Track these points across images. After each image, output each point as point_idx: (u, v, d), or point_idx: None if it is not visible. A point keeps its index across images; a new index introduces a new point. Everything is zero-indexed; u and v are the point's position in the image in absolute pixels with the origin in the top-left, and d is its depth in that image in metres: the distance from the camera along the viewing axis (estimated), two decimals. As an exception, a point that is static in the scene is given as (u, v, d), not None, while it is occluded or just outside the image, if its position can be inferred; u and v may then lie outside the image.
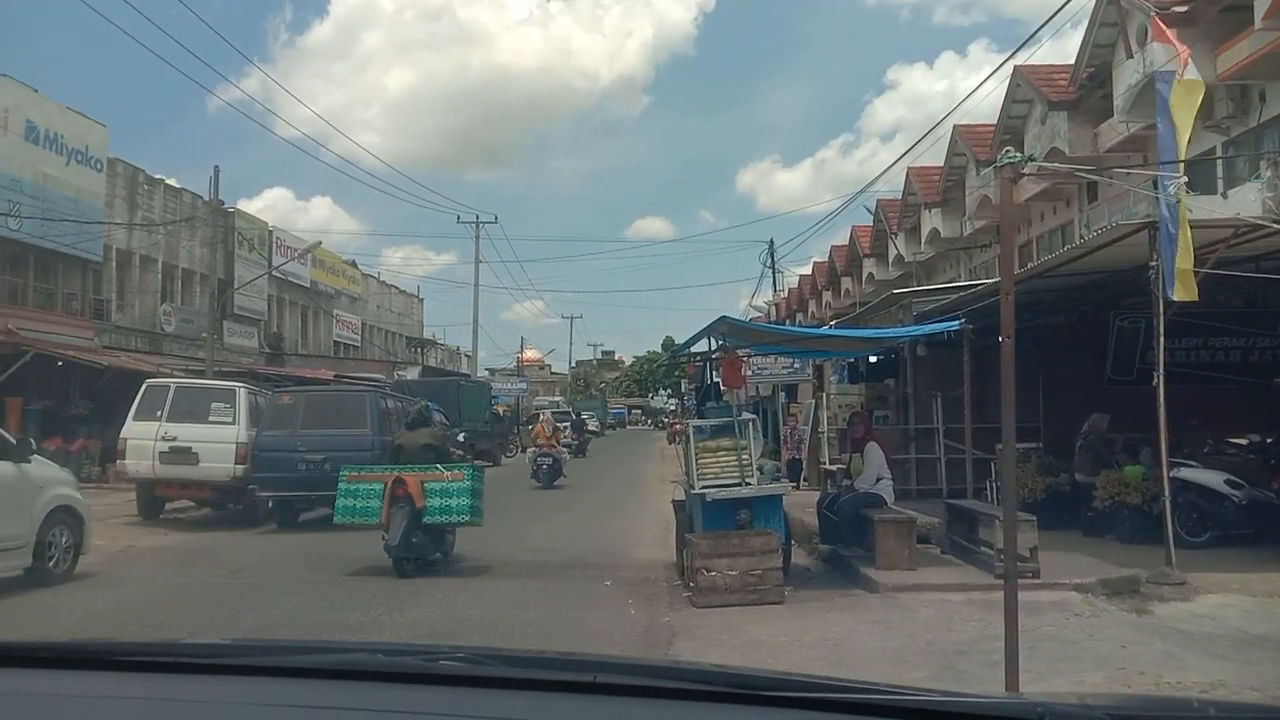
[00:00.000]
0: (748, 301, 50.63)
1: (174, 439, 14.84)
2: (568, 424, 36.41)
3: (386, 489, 10.28)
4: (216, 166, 32.62)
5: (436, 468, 10.68)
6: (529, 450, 20.77)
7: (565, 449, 25.96)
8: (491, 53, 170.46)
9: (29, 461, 9.48)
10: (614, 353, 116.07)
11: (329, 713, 1.45)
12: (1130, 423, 11.72)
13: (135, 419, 15.25)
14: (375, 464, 11.51)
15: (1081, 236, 17.94)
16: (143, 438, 14.94)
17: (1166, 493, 8.75)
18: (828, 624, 7.66)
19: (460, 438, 20.32)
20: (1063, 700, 1.50)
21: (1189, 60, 8.71)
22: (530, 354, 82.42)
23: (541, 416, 27.72)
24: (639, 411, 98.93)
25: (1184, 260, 8.17)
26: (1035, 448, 12.95)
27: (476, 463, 13.28)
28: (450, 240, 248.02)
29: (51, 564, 9.47)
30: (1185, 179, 8.23)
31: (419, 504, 10.18)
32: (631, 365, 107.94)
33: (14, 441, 9.64)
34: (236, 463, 14.78)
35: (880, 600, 8.54)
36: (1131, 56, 19.00)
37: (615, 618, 8.09)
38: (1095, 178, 17.84)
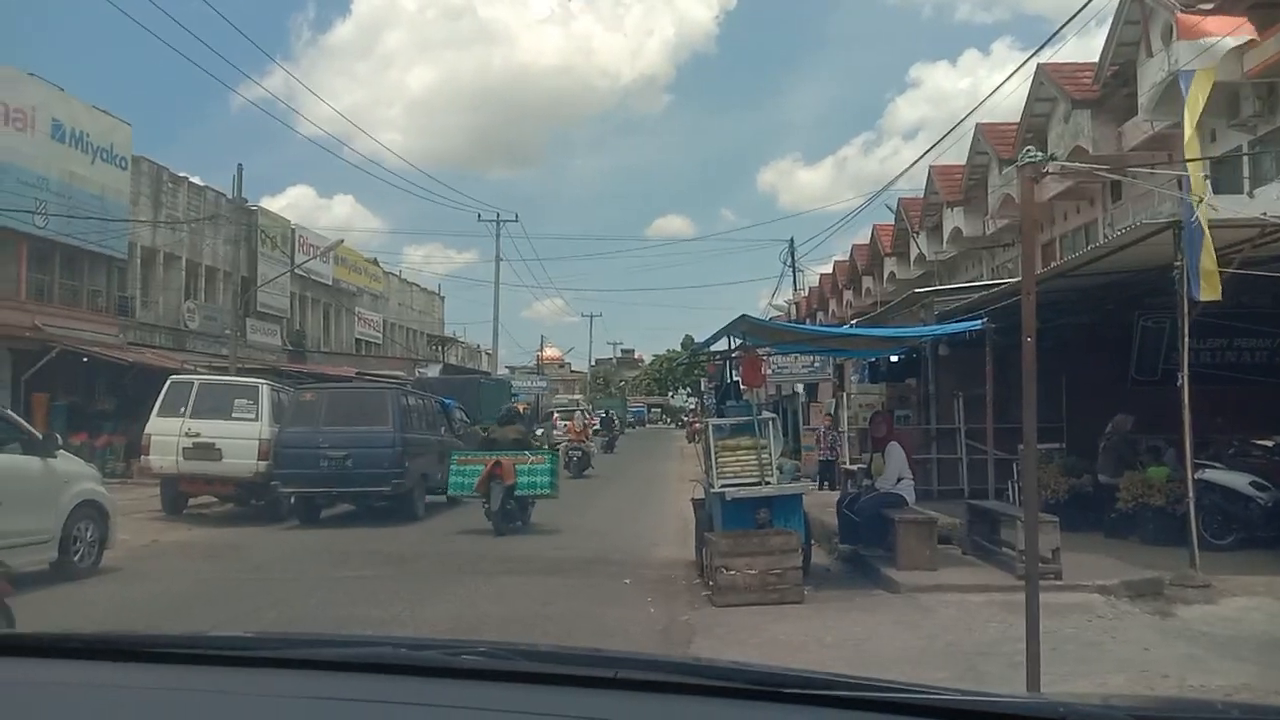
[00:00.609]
0: (768, 300, 50.51)
1: (197, 435, 14.95)
2: (598, 420, 40.73)
3: (486, 469, 13.35)
4: (240, 164, 32.84)
5: (524, 454, 13.86)
6: (560, 444, 23.11)
7: (593, 443, 28.72)
8: (513, 51, 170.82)
9: (55, 456, 9.58)
10: (633, 351, 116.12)
11: (352, 705, 1.46)
12: (1154, 424, 11.62)
13: (159, 415, 15.39)
14: (396, 462, 14.16)
15: (1105, 236, 17.83)
16: (167, 434, 15.07)
17: (1191, 494, 8.68)
18: (848, 624, 7.64)
19: (539, 432, 21.61)
20: (1086, 700, 1.50)
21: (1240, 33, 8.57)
22: (550, 352, 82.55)
23: (575, 413, 32.00)
24: (658, 410, 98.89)
25: (1209, 260, 8.10)
26: (1058, 448, 12.86)
27: (554, 451, 16.02)
28: (471, 238, 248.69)
29: (77, 558, 9.57)
30: (1209, 175, 8.17)
31: (510, 480, 13.18)
32: (651, 364, 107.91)
33: (40, 436, 9.76)
34: (259, 459, 14.88)
35: (901, 601, 8.50)
36: (1155, 55, 18.84)
37: (635, 615, 8.11)
38: (1119, 177, 17.68)
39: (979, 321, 10.84)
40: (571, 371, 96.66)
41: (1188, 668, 6.20)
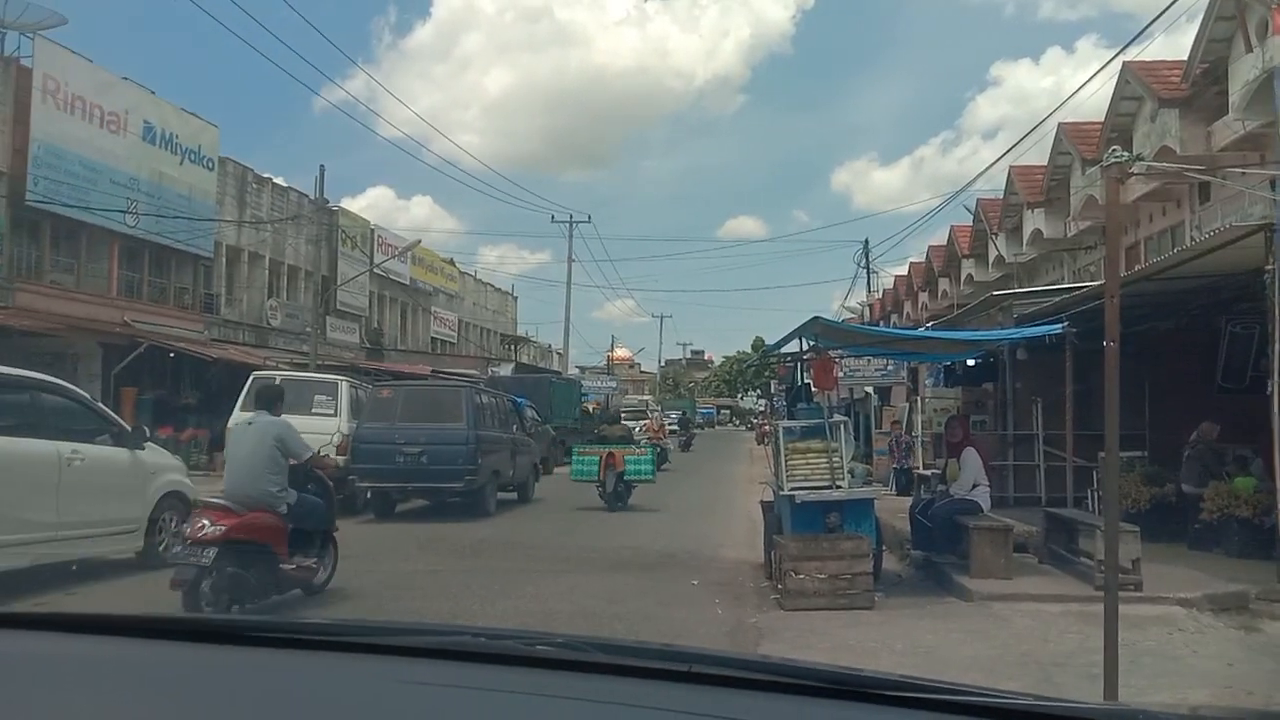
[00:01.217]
0: (840, 302, 50.11)
1: (278, 430, 15.30)
2: (675, 421, 45.88)
3: (602, 459, 16.39)
4: (322, 166, 33.77)
5: (631, 446, 17.43)
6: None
7: (669, 441, 33.08)
8: (589, 53, 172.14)
9: (142, 448, 9.89)
10: (703, 352, 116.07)
11: (433, 690, 1.51)
12: (1241, 433, 11.27)
13: (242, 409, 15.79)
14: (470, 459, 14.80)
15: (1192, 238, 17.31)
16: (249, 427, 15.45)
17: (1279, 506, 8.40)
18: (919, 631, 7.55)
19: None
20: (1171, 710, 1.47)
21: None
22: (620, 352, 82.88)
23: (651, 414, 37.21)
24: (727, 411, 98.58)
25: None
26: (1140, 456, 12.55)
27: (657, 444, 20.85)
28: (544, 239, 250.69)
29: (161, 547, 9.86)
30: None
31: (620, 468, 16.31)
32: (721, 365, 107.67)
33: (129, 429, 10.08)
34: (338, 453, 15.18)
35: (974, 609, 8.37)
36: (1250, 51, 18.24)
37: (702, 616, 8.11)
38: (1208, 178, 17.16)
39: (1059, 325, 10.61)
40: (641, 372, 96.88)
41: (1275, 684, 6.02)
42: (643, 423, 33.40)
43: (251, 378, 16.55)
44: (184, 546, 7.35)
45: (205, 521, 7.32)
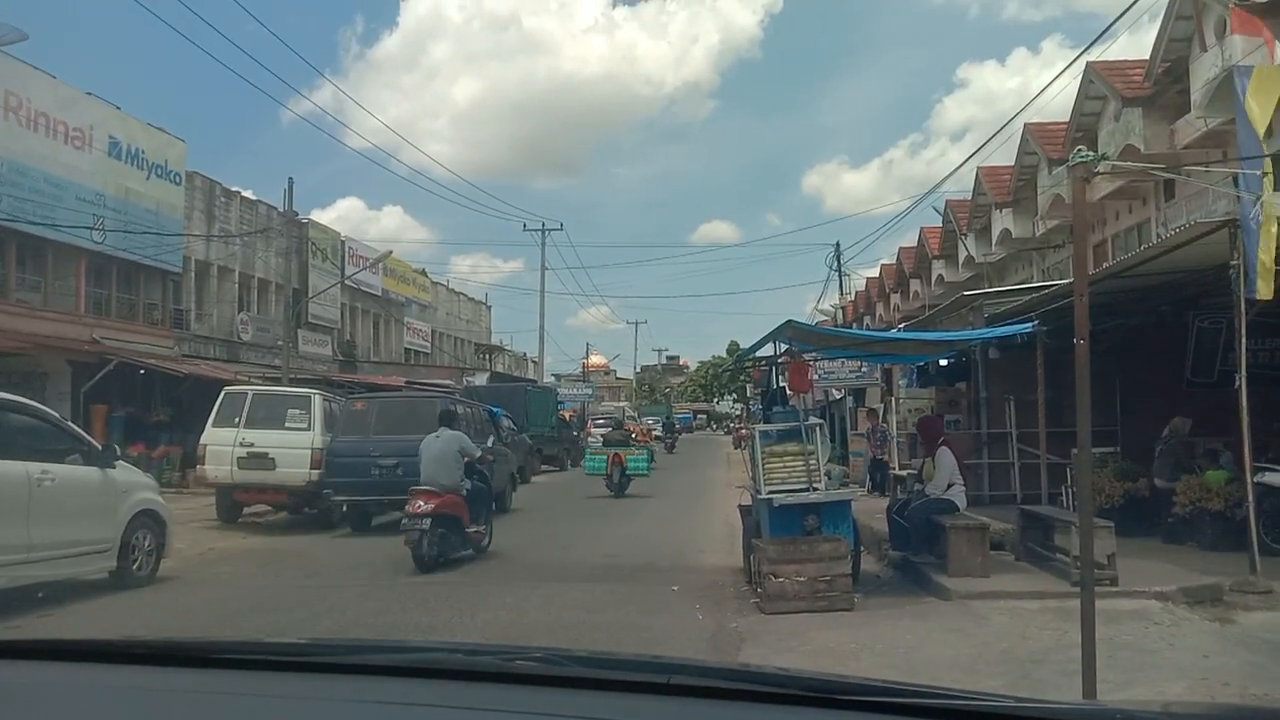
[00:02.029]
0: (814, 305, 50.38)
1: (251, 445, 15.20)
2: (660, 425, 49.65)
3: (609, 459, 20.92)
4: (290, 178, 33.47)
5: (630, 448, 21.94)
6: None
7: (656, 444, 37.27)
8: (557, 61, 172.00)
9: (114, 467, 9.77)
10: (679, 358, 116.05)
11: (410, 709, 1.49)
12: (1211, 426, 11.40)
13: (214, 426, 15.66)
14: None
15: (1159, 235, 17.53)
16: (221, 444, 15.34)
17: (1250, 498, 8.49)
18: (899, 631, 7.57)
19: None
20: (1145, 707, 1.48)
21: (1277, 45, 8.45)
22: (595, 359, 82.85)
23: (642, 419, 44.00)
24: (704, 416, 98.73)
25: (1266, 258, 7.93)
26: (1112, 452, 12.66)
27: (650, 445, 28.60)
28: (517, 248, 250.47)
29: (135, 566, 9.76)
30: (1269, 173, 7.99)
31: (623, 464, 20.78)
32: (696, 370, 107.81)
33: (99, 447, 9.95)
34: (312, 468, 15.08)
35: (953, 608, 8.41)
36: (1208, 50, 18.50)
37: (683, 623, 8.10)
38: (1172, 175, 17.38)
39: (1030, 324, 10.70)
40: (617, 378, 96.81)
41: (1249, 676, 6.07)
42: (634, 430, 36.72)
43: (223, 393, 16.41)
44: (408, 518, 10.69)
45: (420, 501, 10.70)
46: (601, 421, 41.33)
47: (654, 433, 44.18)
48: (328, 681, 1.63)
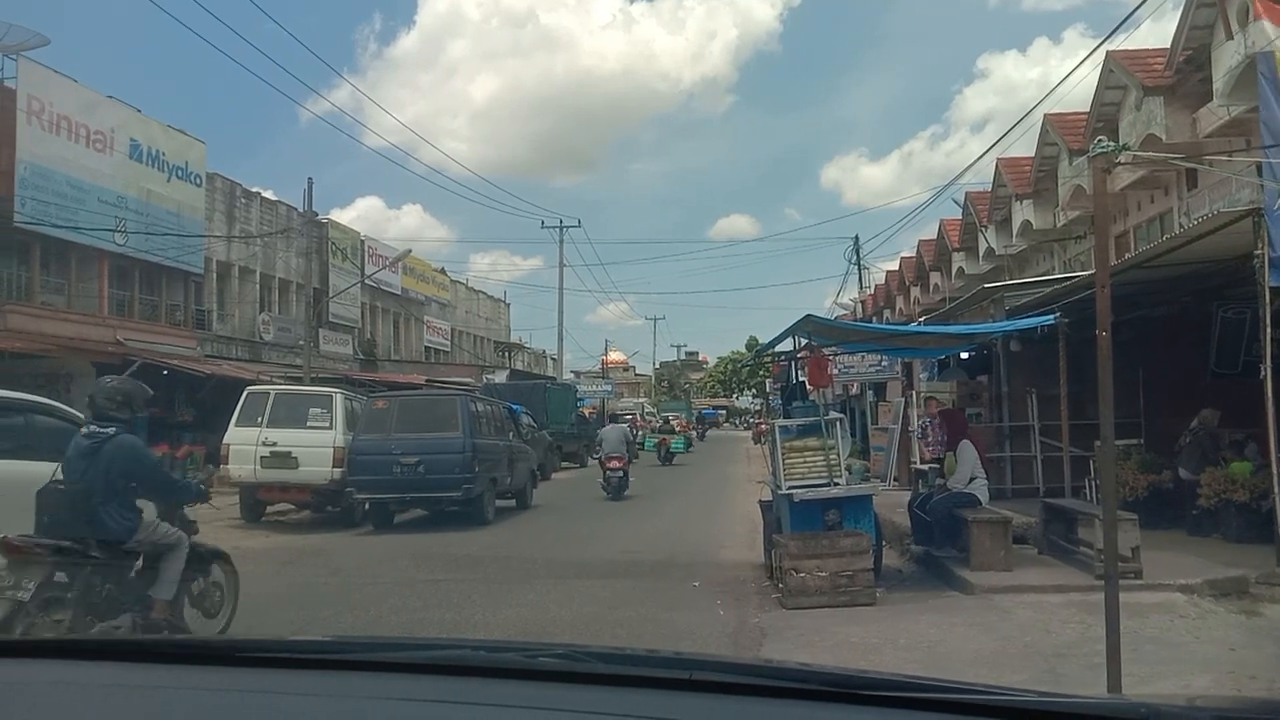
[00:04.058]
0: (833, 299, 50.33)
1: (274, 444, 15.29)
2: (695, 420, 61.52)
3: (660, 441, 35.37)
4: (310, 178, 33.40)
5: (672, 435, 36.60)
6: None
7: (694, 433, 51.07)
8: (575, 58, 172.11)
9: (139, 467, 9.83)
10: (698, 353, 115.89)
11: (433, 706, 1.50)
12: (1235, 417, 11.29)
13: (237, 425, 15.76)
14: (467, 467, 14.83)
15: (1181, 225, 17.37)
16: (244, 443, 15.43)
17: (1276, 490, 8.40)
18: (921, 626, 7.55)
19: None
20: (1170, 701, 1.47)
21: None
22: (614, 356, 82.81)
23: (671, 417, 49.83)
24: (723, 411, 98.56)
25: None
26: (1136, 444, 12.56)
27: (688, 433, 45.06)
28: (535, 245, 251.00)
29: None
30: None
31: (668, 445, 34.48)
32: (715, 366, 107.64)
33: (125, 448, 10.01)
34: (334, 466, 15.15)
35: (975, 602, 8.38)
36: (1232, 37, 18.29)
37: (704, 618, 8.10)
38: (1194, 164, 17.20)
39: (1051, 316, 10.63)
40: (636, 375, 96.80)
41: (1277, 668, 6.03)
42: (675, 421, 47.61)
43: (246, 393, 16.52)
44: (607, 470, 19.38)
45: (615, 462, 19.36)
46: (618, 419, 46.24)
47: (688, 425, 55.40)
48: (351, 679, 1.64)
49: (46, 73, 23.97)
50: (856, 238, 37.99)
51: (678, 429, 41.69)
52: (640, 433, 39.55)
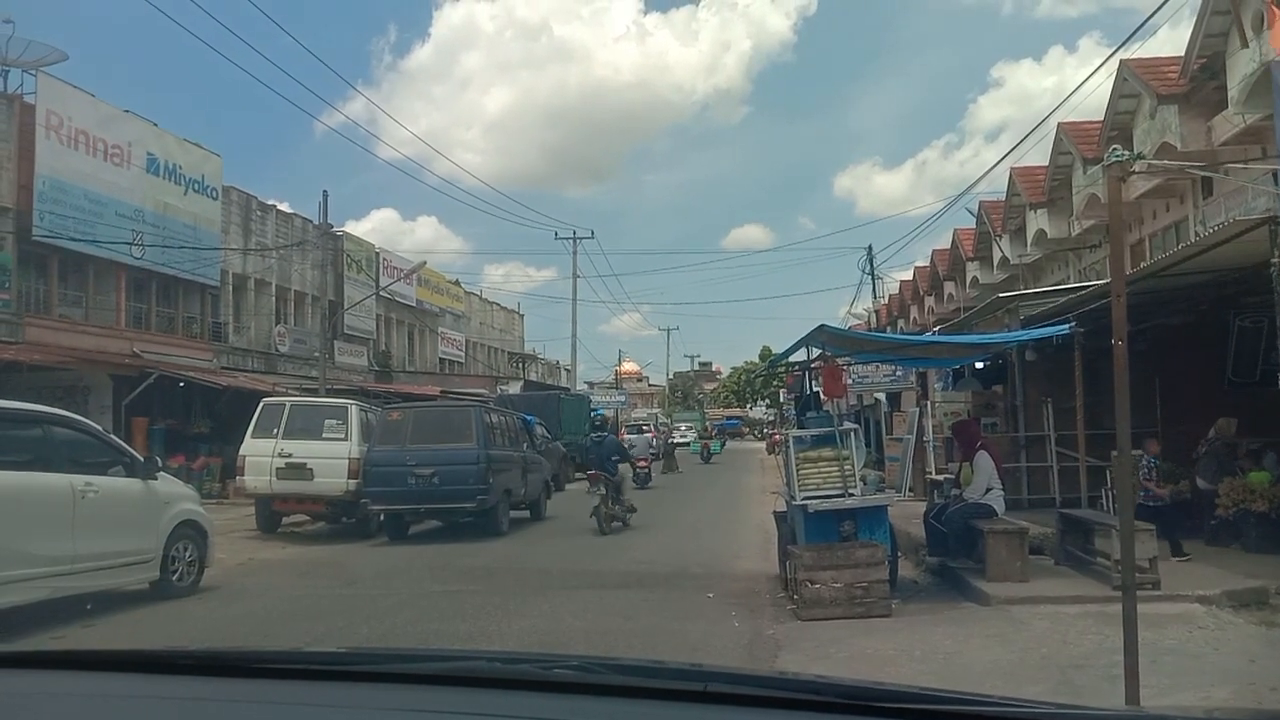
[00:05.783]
0: (847, 309, 50.33)
1: (290, 455, 15.34)
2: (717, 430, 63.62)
3: (703, 444, 46.34)
4: (325, 191, 33.59)
5: (710, 441, 47.94)
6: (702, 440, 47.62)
7: (719, 441, 53.96)
8: (589, 69, 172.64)
9: (155, 478, 9.89)
10: (711, 364, 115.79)
11: (448, 717, 1.51)
12: (1253, 426, 11.22)
13: (253, 436, 15.81)
14: (481, 478, 14.79)
15: (1196, 234, 17.26)
16: (260, 454, 15.49)
17: (1296, 500, 8.35)
18: (937, 637, 7.51)
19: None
20: (1189, 714, 1.46)
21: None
22: (628, 366, 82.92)
23: (686, 426, 61.30)
24: (737, 421, 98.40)
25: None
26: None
27: (721, 440, 54.76)
28: (549, 256, 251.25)
29: (176, 577, 9.87)
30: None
31: (709, 447, 45.13)
32: (729, 376, 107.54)
33: (141, 459, 10.08)
34: (349, 478, 15.20)
35: (992, 613, 8.33)
36: (1247, 45, 18.23)
37: (719, 629, 8.08)
38: (1209, 173, 17.13)
39: (1066, 326, 10.58)
40: (649, 385, 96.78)
41: (1298, 681, 5.96)
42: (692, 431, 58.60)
43: (261, 404, 16.59)
44: (637, 468, 21.17)
45: (642, 462, 24.67)
46: (633, 428, 50.88)
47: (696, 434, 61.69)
48: (367, 690, 1.65)
49: (65, 88, 24.21)
50: (870, 247, 37.98)
51: (714, 435, 55.47)
52: (655, 440, 40.52)
